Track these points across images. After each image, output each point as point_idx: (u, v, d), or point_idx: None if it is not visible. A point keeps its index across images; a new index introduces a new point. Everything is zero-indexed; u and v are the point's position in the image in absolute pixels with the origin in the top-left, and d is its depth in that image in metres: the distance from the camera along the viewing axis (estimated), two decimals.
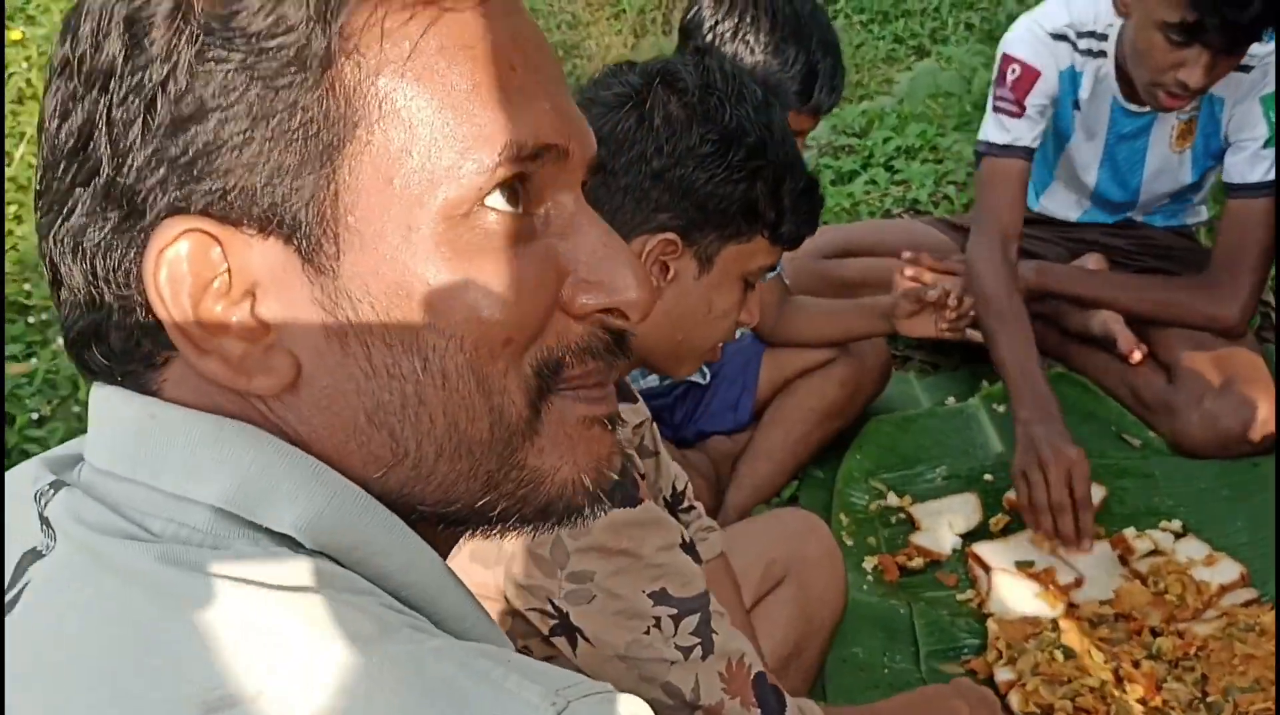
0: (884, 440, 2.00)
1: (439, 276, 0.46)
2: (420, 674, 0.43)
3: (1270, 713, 1.41)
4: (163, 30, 0.44)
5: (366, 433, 0.47)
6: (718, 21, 1.70)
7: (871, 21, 5.22)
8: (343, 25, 0.45)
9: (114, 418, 0.50)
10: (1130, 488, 1.83)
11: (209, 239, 0.45)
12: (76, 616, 0.47)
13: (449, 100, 0.46)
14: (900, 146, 3.18)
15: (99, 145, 0.45)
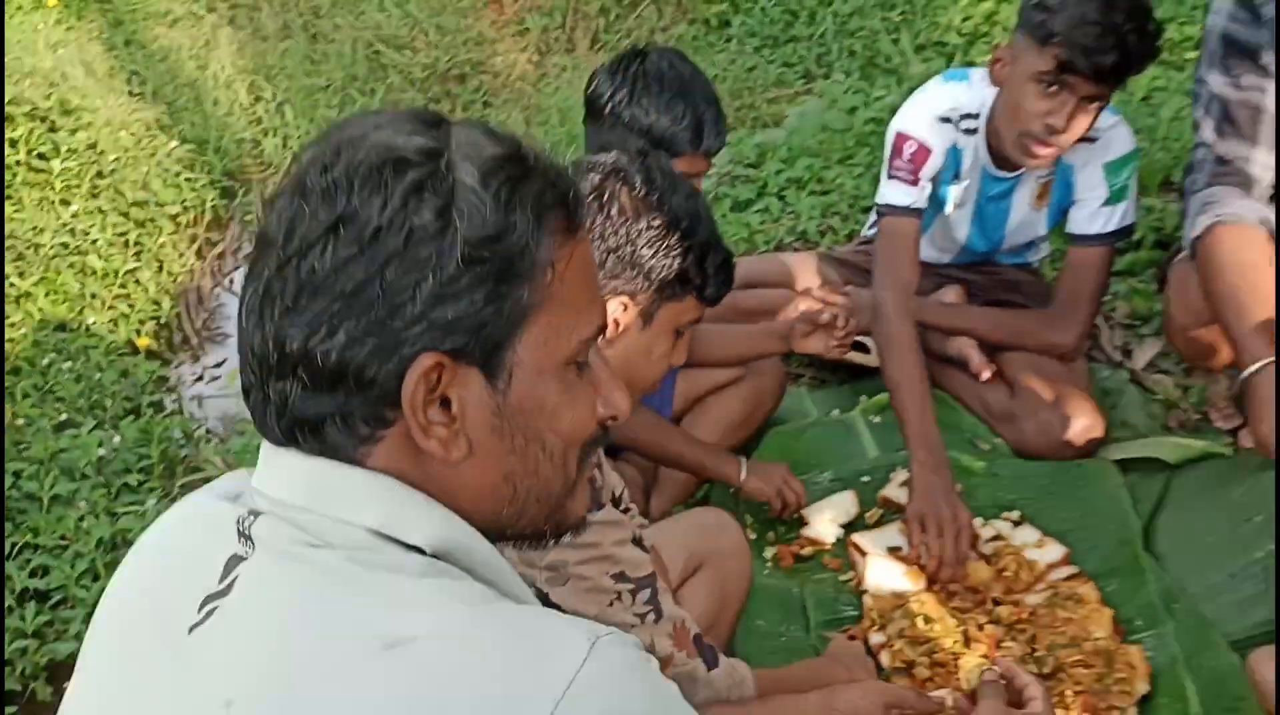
0: (781, 448, 2.31)
1: (558, 400, 0.78)
2: (506, 619, 0.73)
3: (1082, 665, 1.77)
4: (433, 229, 0.72)
5: (499, 487, 0.79)
6: (615, 90, 1.98)
7: (763, 46, 5.45)
8: (541, 249, 0.76)
9: (314, 473, 0.77)
10: (979, 485, 2.16)
11: (446, 368, 0.74)
12: (286, 594, 0.75)
13: (582, 299, 0.79)
14: (791, 178, 3.49)
15: (374, 296, 0.71)
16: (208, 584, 0.77)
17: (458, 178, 0.73)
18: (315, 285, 0.72)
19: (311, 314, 0.73)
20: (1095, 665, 1.74)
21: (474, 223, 0.72)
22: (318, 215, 0.72)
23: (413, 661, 0.69)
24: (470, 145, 0.75)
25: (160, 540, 0.87)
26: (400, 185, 0.72)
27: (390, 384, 0.73)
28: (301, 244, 0.73)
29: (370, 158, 0.73)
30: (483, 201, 0.73)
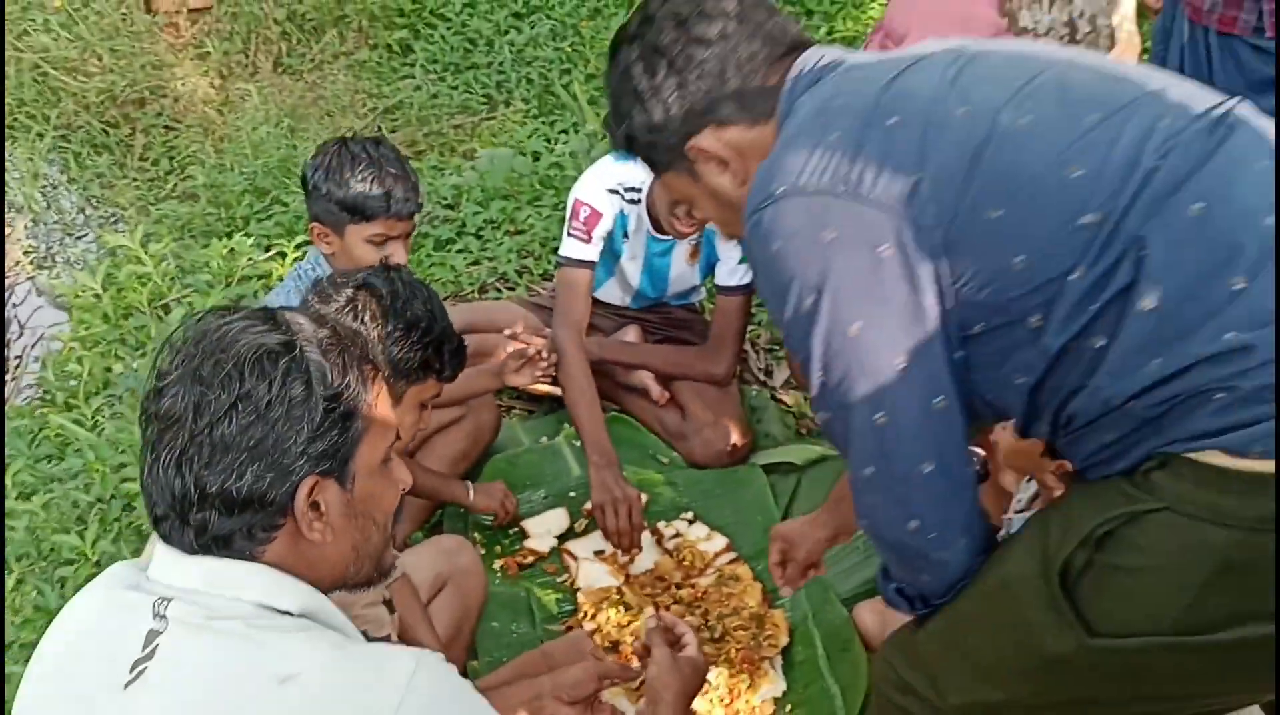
0: (499, 473, 2.72)
1: (380, 487, 1.19)
2: (357, 653, 1.12)
3: (741, 628, 2.32)
4: (304, 396, 1.10)
5: (348, 554, 1.18)
6: (316, 169, 2.31)
7: (445, 72, 5.73)
8: (368, 391, 1.16)
9: (215, 568, 1.12)
10: (662, 492, 2.67)
11: (318, 484, 1.12)
12: (200, 654, 1.10)
13: (386, 420, 1.19)
14: (487, 219, 3.89)
15: (268, 447, 1.08)
16: (133, 653, 1.09)
17: (309, 358, 1.12)
18: (226, 445, 1.08)
19: (225, 465, 1.09)
20: (750, 627, 2.30)
21: (326, 387, 1.12)
22: (220, 397, 1.09)
23: (300, 690, 1.05)
24: (308, 332, 1.15)
25: (83, 622, 1.17)
26: (278, 371, 1.10)
27: (284, 501, 1.11)
28: (211, 418, 1.08)
29: (250, 353, 1.10)
30: (327, 372, 1.13)
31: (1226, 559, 1.14)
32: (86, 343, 3.22)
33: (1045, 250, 1.20)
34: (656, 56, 1.44)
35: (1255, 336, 1.12)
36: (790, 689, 2.21)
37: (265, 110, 5.45)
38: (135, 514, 2.61)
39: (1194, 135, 1.20)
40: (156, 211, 4.67)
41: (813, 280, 1.28)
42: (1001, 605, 1.32)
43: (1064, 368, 1.23)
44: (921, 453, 1.30)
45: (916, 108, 1.28)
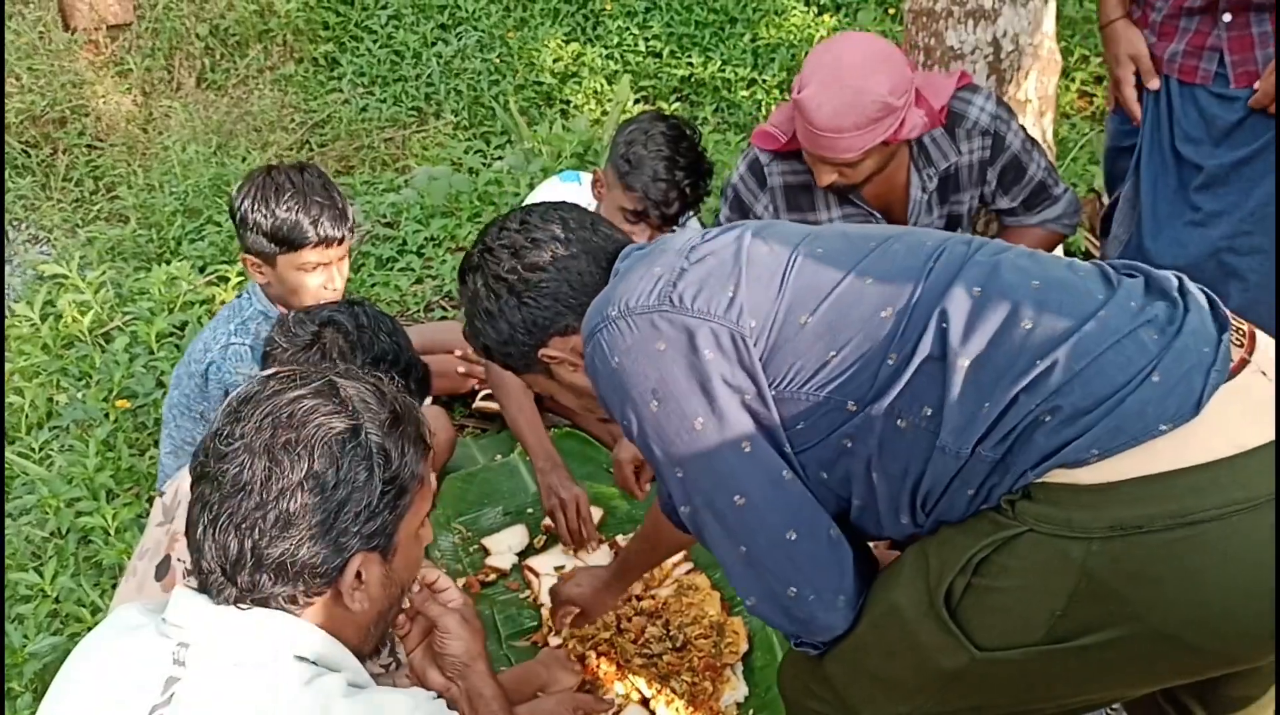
0: (457, 493, 2.77)
1: (412, 553, 1.24)
2: (365, 699, 1.18)
3: (702, 636, 2.40)
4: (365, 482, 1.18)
5: (375, 618, 1.23)
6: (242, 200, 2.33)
7: (373, 85, 5.73)
8: (418, 470, 1.21)
9: (221, 618, 1.18)
10: (618, 506, 2.73)
11: (363, 559, 1.17)
12: (218, 703, 1.15)
13: (428, 492, 1.25)
14: (428, 237, 3.92)
15: (331, 525, 1.15)
16: (152, 698, 1.15)
17: (373, 442, 1.19)
18: (289, 520, 1.15)
19: (285, 538, 1.16)
20: (711, 635, 2.37)
21: (385, 470, 1.19)
22: (289, 475, 1.15)
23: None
24: (370, 411, 1.21)
25: (99, 666, 1.21)
26: (345, 456, 1.17)
27: (333, 575, 1.18)
28: (279, 492, 1.15)
29: (321, 436, 1.17)
30: (388, 455, 1.19)
31: (1085, 569, 1.28)
32: (26, 373, 3.18)
33: (856, 343, 1.40)
34: (498, 283, 1.65)
35: (1054, 354, 1.30)
36: (752, 694, 2.29)
37: (191, 127, 5.40)
38: (93, 548, 2.60)
39: (954, 244, 1.48)
40: (85, 233, 4.61)
41: (652, 386, 1.45)
42: (895, 631, 1.46)
43: (904, 446, 1.39)
44: (783, 523, 1.46)
45: (727, 246, 1.52)
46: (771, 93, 5.34)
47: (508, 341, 1.69)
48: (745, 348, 1.43)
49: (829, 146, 2.33)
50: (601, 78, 5.48)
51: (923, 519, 1.43)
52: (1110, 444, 1.26)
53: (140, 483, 2.77)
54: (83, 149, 5.42)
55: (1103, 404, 1.27)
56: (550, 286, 1.64)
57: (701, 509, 1.49)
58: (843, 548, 1.49)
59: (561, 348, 1.68)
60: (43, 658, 2.28)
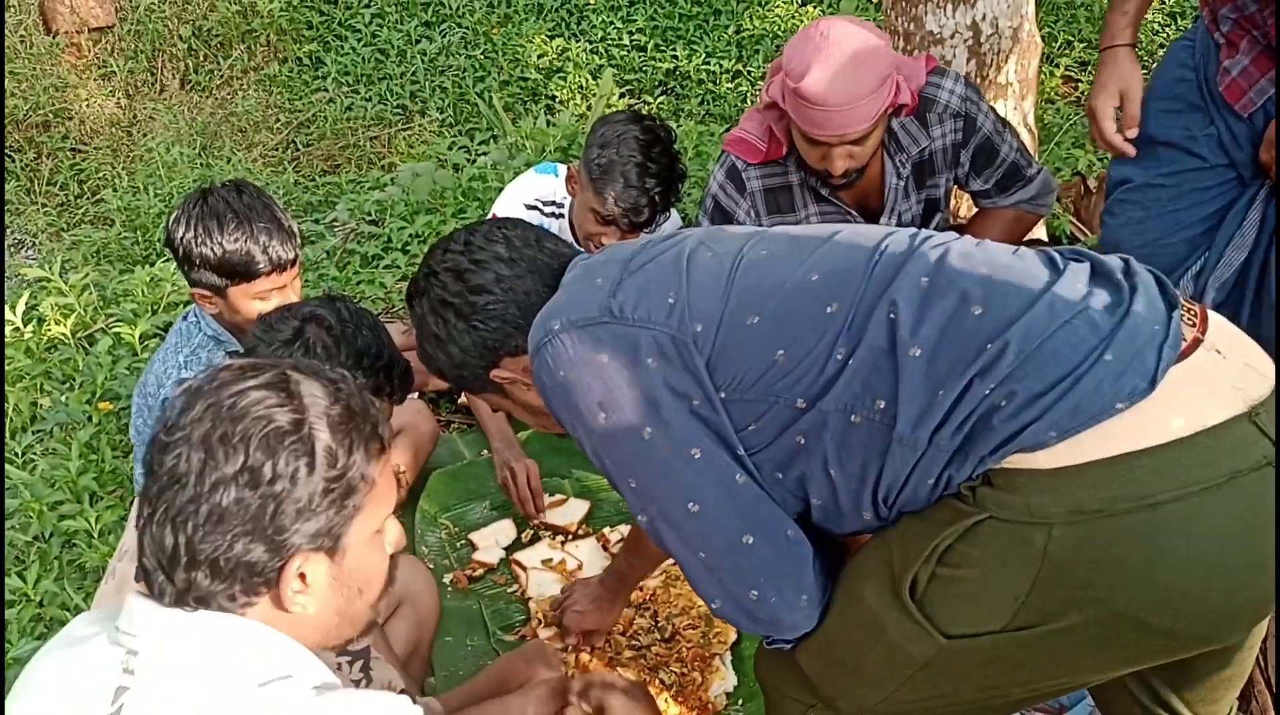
0: (443, 488, 2.76)
1: (369, 558, 1.21)
2: (336, 701, 1.14)
3: (691, 626, 2.39)
4: (305, 475, 1.12)
5: (331, 620, 1.20)
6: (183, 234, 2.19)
7: (358, 84, 5.72)
8: (368, 470, 1.17)
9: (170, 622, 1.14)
10: (605, 499, 2.71)
11: (305, 559, 1.14)
12: (169, 702, 1.11)
13: (384, 493, 1.20)
14: (413, 233, 3.89)
15: (266, 522, 1.10)
16: (102, 709, 1.11)
17: (317, 438, 1.14)
18: (223, 513, 1.11)
19: (219, 532, 1.11)
20: (700, 626, 2.37)
21: (330, 467, 1.14)
22: (223, 467, 1.11)
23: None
24: (320, 408, 1.16)
25: (50, 677, 1.17)
26: (284, 449, 1.12)
27: (271, 575, 1.14)
28: (214, 485, 1.11)
29: (259, 429, 1.12)
30: (333, 452, 1.15)
31: (1047, 554, 1.27)
32: (10, 377, 3.16)
33: (803, 340, 1.39)
34: (445, 308, 1.63)
35: (1005, 336, 1.30)
36: (741, 683, 2.28)
37: (176, 129, 5.38)
38: (76, 551, 2.58)
39: (898, 237, 1.47)
40: (70, 237, 4.59)
41: (598, 398, 1.44)
42: (863, 622, 1.45)
43: (859, 441, 1.37)
44: (739, 528, 1.45)
45: (669, 255, 1.52)
46: (756, 84, 5.32)
47: (460, 365, 1.67)
48: (689, 353, 1.42)
49: (845, 121, 2.29)
50: (586, 72, 5.47)
51: (885, 512, 1.42)
52: (1069, 425, 1.25)
53: (123, 485, 2.75)
54: (67, 153, 5.40)
55: (1058, 385, 1.26)
56: (496, 308, 1.61)
57: (657, 517, 1.48)
58: (802, 547, 1.48)
59: (513, 368, 1.65)
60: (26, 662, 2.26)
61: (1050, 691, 1.46)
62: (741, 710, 2.24)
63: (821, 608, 1.50)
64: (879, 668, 1.45)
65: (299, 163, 5.27)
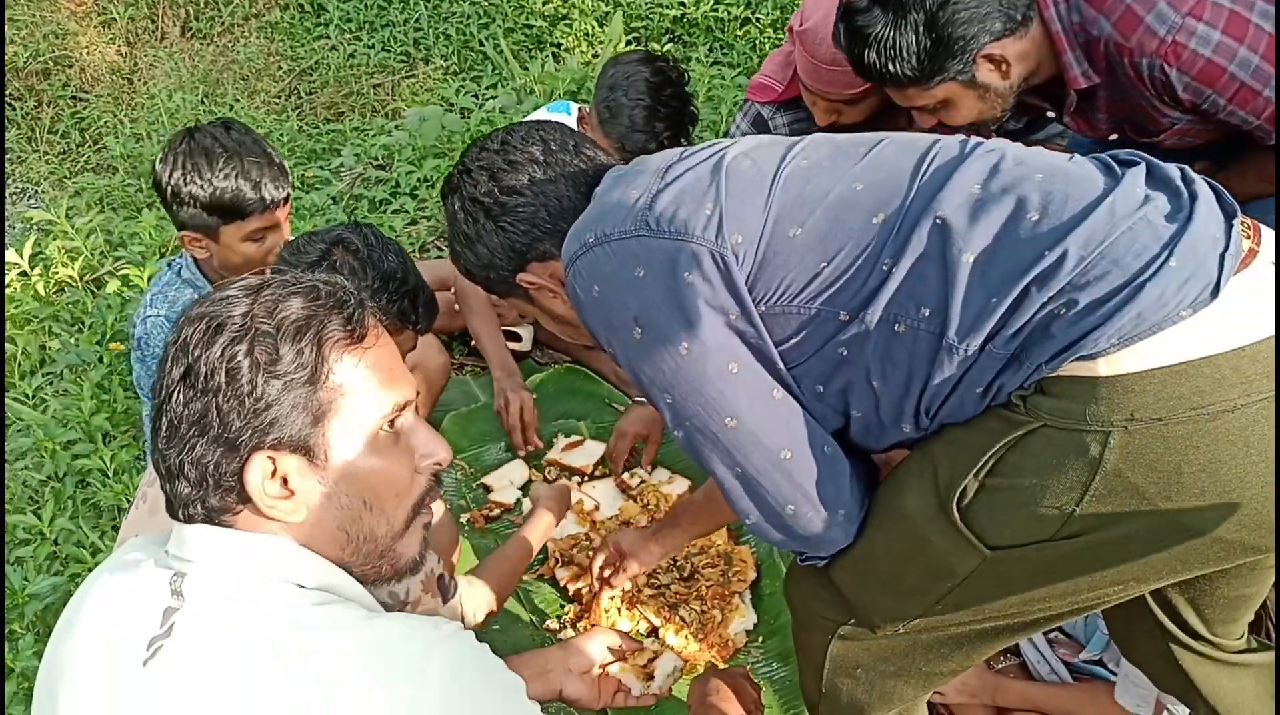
0: (458, 430, 2.74)
1: (370, 464, 1.14)
2: (383, 626, 1.10)
3: (710, 565, 2.38)
4: (245, 367, 1.07)
5: (336, 534, 1.14)
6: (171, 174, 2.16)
7: (360, 31, 5.64)
8: (328, 360, 1.12)
9: (210, 540, 1.11)
10: None
11: (272, 459, 1.09)
12: (215, 632, 1.09)
13: (376, 386, 1.14)
14: (420, 178, 3.86)
15: (213, 421, 1.06)
16: (151, 630, 1.08)
17: (259, 327, 1.08)
18: (176, 419, 1.08)
19: (177, 439, 1.08)
20: (719, 565, 2.36)
21: (271, 357, 1.08)
22: (171, 372, 1.08)
23: (321, 664, 1.03)
24: (274, 298, 1.10)
25: (100, 601, 1.15)
26: (219, 341, 1.07)
27: (234, 475, 1.08)
28: (165, 393, 1.08)
29: (200, 326, 1.08)
30: (277, 341, 1.08)
31: (1102, 462, 1.24)
32: (17, 321, 3.13)
33: (847, 252, 1.35)
34: (475, 207, 1.60)
35: (1064, 244, 1.26)
36: (761, 621, 2.28)
37: (177, 77, 5.31)
38: (90, 490, 2.57)
39: (948, 144, 1.42)
40: (73, 185, 4.54)
41: (634, 314, 1.41)
42: (904, 536, 1.43)
43: (904, 351, 1.34)
44: (777, 442, 1.42)
45: (706, 165, 1.46)
46: (765, 31, 5.25)
47: (487, 265, 1.64)
48: (727, 266, 1.38)
49: (833, 81, 2.26)
50: (592, 19, 5.38)
51: (926, 423, 1.40)
52: (1132, 332, 1.22)
53: (136, 425, 2.73)
54: (67, 100, 5.33)
55: (1121, 291, 1.23)
56: (526, 211, 1.58)
57: (694, 432, 1.45)
58: (840, 462, 1.46)
59: (540, 274, 1.62)
60: (44, 598, 2.25)
61: (1089, 604, 1.44)
62: (761, 647, 2.24)
63: (858, 523, 1.48)
64: (919, 581, 1.44)
65: (302, 110, 5.21)
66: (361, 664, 1.05)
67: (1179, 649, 1.62)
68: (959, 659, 1.58)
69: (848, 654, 1.61)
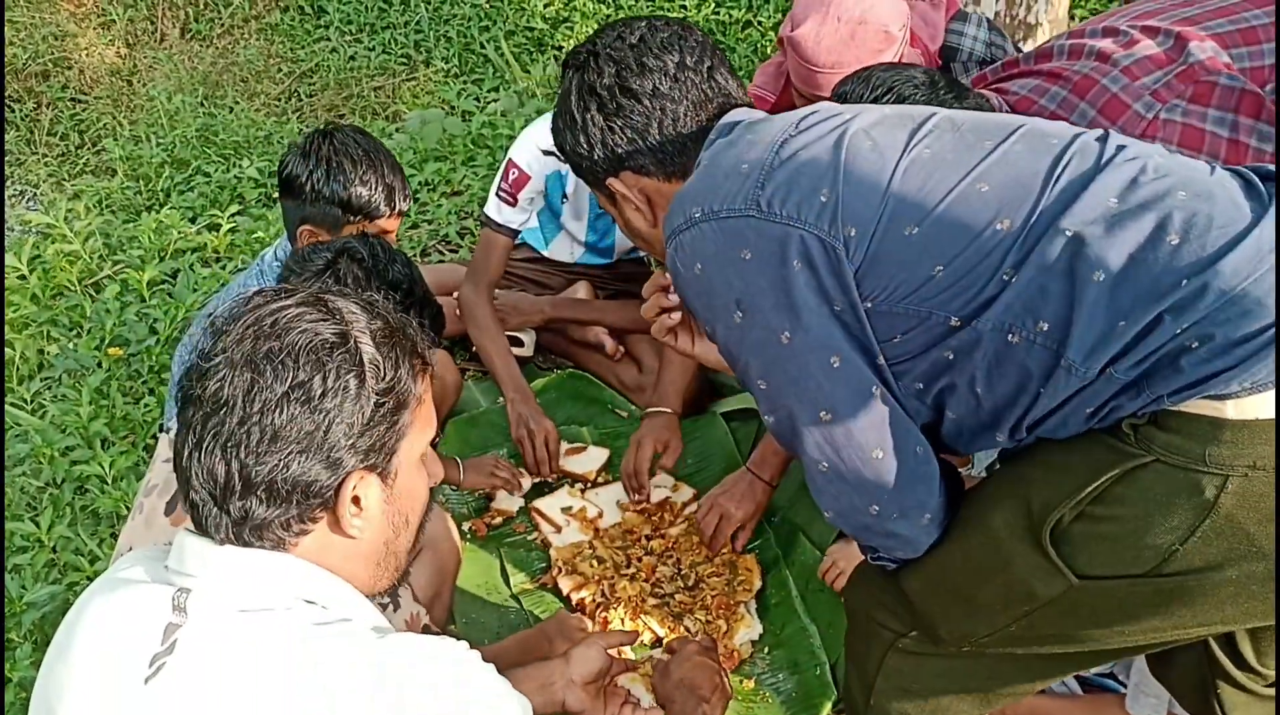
0: (460, 436, 2.72)
1: (416, 483, 1.16)
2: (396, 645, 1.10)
3: (714, 574, 2.36)
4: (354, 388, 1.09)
5: (379, 550, 1.17)
6: (311, 169, 2.23)
7: (360, 33, 5.62)
8: (414, 386, 1.13)
9: (215, 555, 1.11)
10: (623, 446, 2.62)
11: (360, 479, 1.10)
12: (221, 649, 1.07)
13: (427, 412, 1.17)
14: (422, 181, 3.84)
15: (320, 439, 1.07)
16: (152, 647, 1.07)
17: (364, 351, 1.11)
18: (276, 434, 1.07)
19: (273, 454, 1.07)
20: (723, 573, 2.33)
21: (379, 380, 1.11)
22: (273, 385, 1.07)
23: (332, 682, 1.03)
24: (362, 323, 1.13)
25: (96, 619, 1.13)
26: (333, 363, 1.08)
27: (328, 495, 1.10)
28: (263, 405, 1.07)
29: (305, 343, 1.08)
30: (380, 366, 1.11)
31: (1217, 505, 1.19)
32: (15, 325, 3.11)
33: (965, 258, 1.28)
34: (590, 95, 1.56)
35: (1206, 275, 1.18)
36: (767, 630, 2.25)
37: (177, 79, 5.29)
38: (89, 497, 2.54)
39: (1087, 143, 1.33)
40: (72, 187, 4.52)
41: (736, 296, 1.36)
42: (987, 552, 1.38)
43: (1016, 363, 1.28)
44: (870, 441, 1.38)
45: (826, 142, 1.38)
46: (767, 34, 5.23)
47: (581, 154, 1.60)
48: (838, 258, 1.32)
49: (827, 85, 2.23)
50: (594, 22, 5.36)
51: (1023, 435, 1.34)
52: (1267, 381, 1.16)
53: (136, 431, 2.71)
54: (66, 103, 5.30)
55: (1261, 335, 1.16)
56: (639, 120, 1.54)
57: (785, 421, 1.41)
58: (930, 465, 1.41)
59: (631, 184, 1.59)
60: (41, 607, 2.23)
61: (1169, 641, 1.39)
62: (767, 658, 2.21)
63: (942, 529, 1.44)
64: (995, 600, 1.40)
65: (302, 113, 5.18)
66: (370, 677, 1.05)
67: (1222, 682, 1.57)
68: (1021, 683, 1.54)
69: (904, 667, 1.57)
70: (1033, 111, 2.00)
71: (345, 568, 1.15)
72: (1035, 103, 2.01)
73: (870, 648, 1.61)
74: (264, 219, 3.63)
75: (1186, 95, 1.85)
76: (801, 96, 2.34)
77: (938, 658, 1.52)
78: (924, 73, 1.92)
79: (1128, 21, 2.02)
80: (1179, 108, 1.85)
